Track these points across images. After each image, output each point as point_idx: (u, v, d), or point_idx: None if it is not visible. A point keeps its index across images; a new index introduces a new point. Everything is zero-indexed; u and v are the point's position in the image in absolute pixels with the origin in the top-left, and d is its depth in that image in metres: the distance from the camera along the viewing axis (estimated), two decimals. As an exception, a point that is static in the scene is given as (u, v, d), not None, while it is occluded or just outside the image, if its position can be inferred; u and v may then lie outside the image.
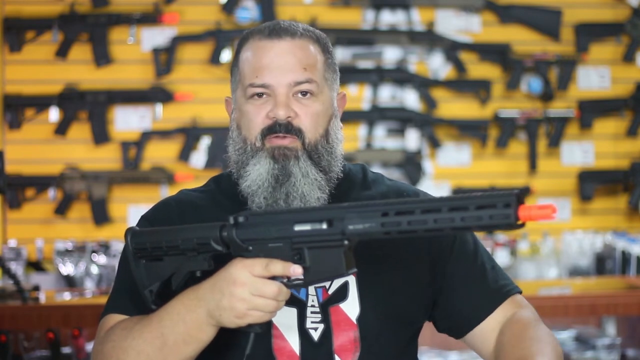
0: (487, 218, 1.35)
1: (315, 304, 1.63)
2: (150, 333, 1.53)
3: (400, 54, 4.54)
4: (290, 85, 1.65)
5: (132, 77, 4.46)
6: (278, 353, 1.62)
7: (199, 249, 1.53)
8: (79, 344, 3.24)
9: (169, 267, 1.57)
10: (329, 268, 1.46)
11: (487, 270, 1.71)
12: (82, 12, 4.41)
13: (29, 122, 4.41)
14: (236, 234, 1.49)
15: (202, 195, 1.76)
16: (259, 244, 1.48)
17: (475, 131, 4.51)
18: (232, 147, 1.73)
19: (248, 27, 4.41)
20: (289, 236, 1.47)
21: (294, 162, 1.65)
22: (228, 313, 1.46)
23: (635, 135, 4.58)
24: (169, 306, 1.54)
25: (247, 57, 1.69)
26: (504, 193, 1.36)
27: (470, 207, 1.36)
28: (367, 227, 1.42)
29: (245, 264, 1.46)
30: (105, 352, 1.58)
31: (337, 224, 1.44)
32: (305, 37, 1.69)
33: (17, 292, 3.22)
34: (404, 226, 1.40)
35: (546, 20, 4.56)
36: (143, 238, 1.59)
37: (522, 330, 1.63)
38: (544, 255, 4.32)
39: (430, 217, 1.38)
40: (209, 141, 4.42)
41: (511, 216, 1.33)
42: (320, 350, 1.62)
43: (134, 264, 1.59)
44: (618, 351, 3.51)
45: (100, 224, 4.39)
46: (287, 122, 1.64)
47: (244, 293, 1.45)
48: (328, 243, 1.45)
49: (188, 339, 1.51)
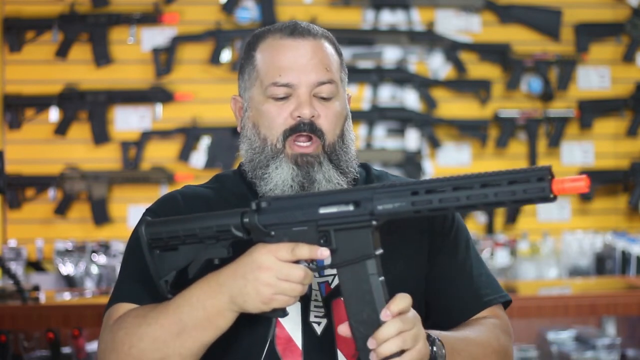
0: (521, 192, 1.36)
1: (319, 298, 1.64)
2: (166, 319, 1.52)
3: (400, 54, 4.54)
4: (313, 85, 1.66)
5: (132, 77, 4.46)
6: (281, 347, 1.62)
7: (219, 236, 1.52)
8: (79, 344, 3.25)
9: (185, 256, 1.55)
10: (356, 249, 1.46)
11: (473, 277, 1.71)
12: (82, 12, 4.42)
13: (29, 122, 4.42)
14: (258, 220, 1.49)
15: (208, 189, 1.76)
16: (283, 229, 1.48)
17: (475, 131, 4.51)
18: (248, 146, 1.71)
19: (248, 27, 4.46)
20: (315, 219, 1.47)
21: (317, 168, 1.65)
22: (253, 298, 1.46)
23: (635, 135, 4.58)
24: (187, 292, 1.52)
25: (267, 55, 1.68)
26: (535, 167, 1.37)
27: (503, 183, 1.37)
28: (397, 207, 1.43)
29: (269, 248, 1.46)
30: (118, 339, 1.55)
31: (365, 204, 1.44)
32: (324, 37, 1.71)
33: (17, 292, 3.23)
34: (435, 204, 1.40)
35: (546, 20, 4.57)
36: (159, 228, 1.56)
37: (474, 322, 1.67)
38: (544, 255, 4.32)
39: (463, 194, 1.39)
40: (209, 141, 4.41)
41: (546, 189, 1.35)
42: (322, 344, 1.62)
43: (149, 255, 1.56)
44: (618, 351, 3.51)
45: (100, 224, 4.39)
46: (311, 122, 1.65)
47: (269, 278, 1.44)
48: (356, 224, 1.45)
49: (207, 325, 1.50)
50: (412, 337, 1.43)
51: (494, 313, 1.71)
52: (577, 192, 1.36)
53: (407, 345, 1.42)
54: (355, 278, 1.46)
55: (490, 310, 1.70)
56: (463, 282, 1.71)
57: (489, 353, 1.62)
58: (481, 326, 1.66)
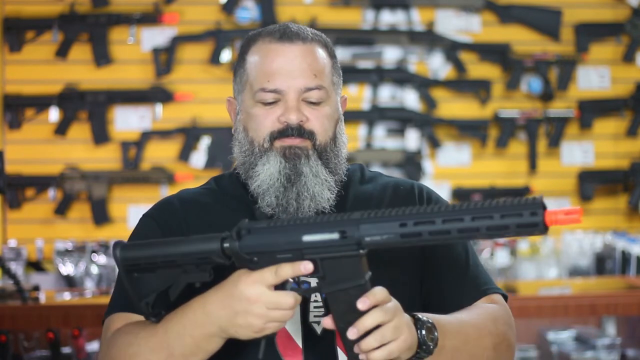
0: (514, 227, 1.35)
1: (318, 298, 1.64)
2: (156, 343, 1.52)
3: (400, 54, 4.54)
4: (301, 91, 1.66)
5: (132, 77, 4.46)
6: (281, 347, 1.62)
7: (199, 262, 1.49)
8: (79, 344, 3.25)
9: (164, 278, 1.51)
10: (346, 276, 1.44)
11: (469, 268, 1.71)
12: (82, 12, 4.42)
13: (29, 122, 4.42)
14: (240, 247, 1.46)
15: (204, 193, 1.76)
16: (266, 256, 1.45)
17: (475, 131, 4.51)
18: (238, 149, 1.71)
19: (248, 27, 4.45)
20: (299, 248, 1.44)
21: (304, 161, 1.65)
22: (245, 329, 1.45)
23: (635, 135, 4.58)
24: (174, 317, 1.52)
25: (256, 60, 1.69)
26: (528, 200, 1.35)
27: (495, 216, 1.35)
28: (386, 239, 1.41)
29: (254, 278, 1.44)
30: (112, 356, 1.56)
31: (351, 234, 1.42)
32: (315, 41, 1.70)
33: (17, 292, 3.23)
34: (426, 237, 1.39)
35: (546, 20, 4.56)
36: (135, 253, 1.51)
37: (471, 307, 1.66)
38: (544, 255, 4.31)
39: (454, 226, 1.37)
40: (209, 141, 4.42)
41: (539, 224, 1.34)
42: (323, 344, 1.62)
43: (126, 278, 1.51)
44: (618, 351, 3.51)
45: (100, 224, 4.39)
46: (299, 126, 1.65)
47: (259, 309, 1.43)
48: (343, 253, 1.44)
49: (196, 350, 1.50)
50: (392, 329, 1.42)
51: (492, 301, 1.69)
52: (571, 223, 1.35)
53: (387, 338, 1.42)
54: (344, 300, 1.44)
55: (487, 298, 1.69)
56: (460, 273, 1.70)
57: (484, 335, 1.60)
58: (477, 309, 1.65)
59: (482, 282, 1.70)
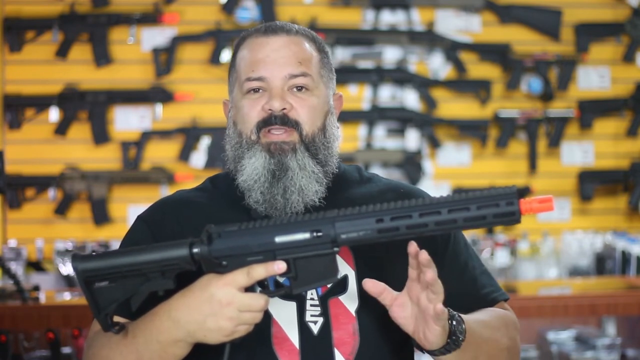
0: (491, 217, 1.37)
1: (315, 297, 1.63)
2: (125, 347, 1.53)
3: (400, 54, 4.54)
4: (285, 78, 1.66)
5: (132, 77, 4.46)
6: (278, 347, 1.61)
7: (164, 270, 1.47)
8: (79, 344, 3.25)
9: (125, 288, 1.49)
10: (318, 275, 1.45)
11: (476, 275, 1.72)
12: (82, 12, 4.41)
13: (29, 122, 4.41)
14: (210, 251, 1.45)
15: (199, 193, 1.76)
16: (236, 259, 1.45)
17: (475, 131, 4.51)
18: (229, 144, 1.72)
19: (248, 27, 4.44)
20: (272, 249, 1.44)
21: (291, 156, 1.65)
22: (215, 333, 1.45)
23: (635, 135, 4.58)
24: (141, 324, 1.52)
25: (244, 54, 1.71)
26: (504, 190, 1.37)
27: (472, 208, 1.37)
28: (362, 235, 1.42)
29: (226, 280, 1.44)
30: (89, 356, 1.60)
31: (326, 232, 1.43)
32: (300, 34, 1.71)
33: (17, 292, 3.23)
34: (403, 231, 1.40)
35: (546, 20, 4.57)
36: (94, 263, 1.48)
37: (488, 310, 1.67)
38: (544, 255, 4.32)
39: (431, 219, 1.38)
40: (209, 141, 4.42)
41: (515, 213, 1.36)
42: (320, 344, 1.62)
43: (86, 290, 1.48)
44: (618, 351, 3.51)
45: (100, 224, 4.39)
46: (282, 114, 1.65)
47: (231, 312, 1.44)
48: (317, 252, 1.44)
49: (164, 355, 1.51)
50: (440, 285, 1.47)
51: (501, 307, 1.72)
52: (544, 212, 1.38)
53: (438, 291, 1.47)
54: None
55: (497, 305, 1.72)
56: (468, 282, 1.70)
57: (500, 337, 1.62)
58: (491, 312, 1.67)
59: (489, 291, 1.72)
